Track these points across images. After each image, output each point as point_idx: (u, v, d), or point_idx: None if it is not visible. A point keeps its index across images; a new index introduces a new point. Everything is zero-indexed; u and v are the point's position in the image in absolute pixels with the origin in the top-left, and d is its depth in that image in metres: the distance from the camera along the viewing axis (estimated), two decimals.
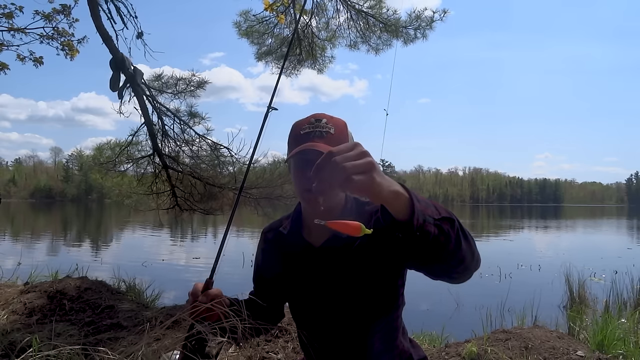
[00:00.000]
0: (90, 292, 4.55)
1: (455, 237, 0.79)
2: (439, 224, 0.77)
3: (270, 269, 1.25)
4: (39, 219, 33.77)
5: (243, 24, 5.64)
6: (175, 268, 10.29)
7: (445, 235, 0.77)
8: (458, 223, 0.81)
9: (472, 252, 0.84)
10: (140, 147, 4.79)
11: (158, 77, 4.76)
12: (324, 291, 1.12)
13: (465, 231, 0.83)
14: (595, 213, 65.13)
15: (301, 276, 1.17)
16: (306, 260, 1.14)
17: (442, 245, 0.78)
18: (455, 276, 0.85)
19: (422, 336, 4.05)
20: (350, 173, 0.68)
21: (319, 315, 1.16)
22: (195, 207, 4.98)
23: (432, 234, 0.76)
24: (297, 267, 1.17)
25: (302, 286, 1.18)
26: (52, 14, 4.57)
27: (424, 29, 5.39)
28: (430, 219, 0.76)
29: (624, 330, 3.78)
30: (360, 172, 0.69)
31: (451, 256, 0.80)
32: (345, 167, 0.68)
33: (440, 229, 0.77)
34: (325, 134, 1.06)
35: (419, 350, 1.23)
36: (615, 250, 14.43)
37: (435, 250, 0.78)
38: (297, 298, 1.22)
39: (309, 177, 1.05)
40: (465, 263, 0.83)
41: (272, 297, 1.29)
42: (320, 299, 1.13)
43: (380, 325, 1.11)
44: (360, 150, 0.72)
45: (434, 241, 0.76)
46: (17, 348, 2.73)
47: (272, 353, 3.09)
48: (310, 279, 1.14)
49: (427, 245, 0.77)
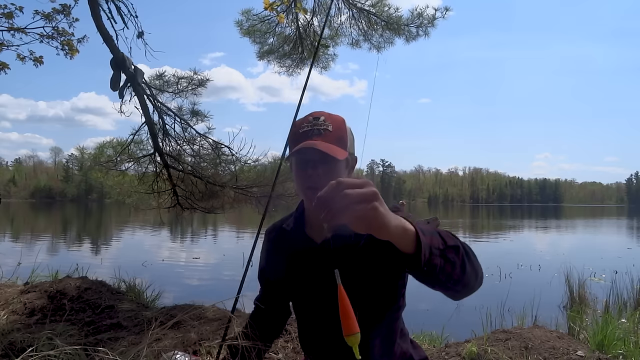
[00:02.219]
0: (91, 292, 4.55)
1: (460, 264, 0.81)
2: (445, 254, 0.78)
3: (274, 269, 1.26)
4: (39, 219, 33.78)
5: (245, 23, 5.64)
6: (176, 268, 10.29)
7: (451, 264, 0.79)
8: (463, 248, 0.83)
9: (475, 274, 0.86)
10: (141, 146, 4.80)
11: (159, 76, 4.76)
12: (324, 288, 1.12)
13: (470, 254, 0.85)
14: (595, 213, 65.13)
15: (303, 272, 1.17)
16: (308, 256, 1.15)
17: (448, 274, 0.79)
18: (458, 295, 0.87)
19: (422, 336, 4.06)
20: (351, 200, 0.67)
21: (319, 313, 1.16)
22: (196, 205, 4.99)
23: (439, 266, 0.77)
24: (299, 263, 1.17)
25: (303, 283, 1.18)
26: (52, 14, 4.56)
27: (426, 26, 5.40)
28: (436, 251, 0.77)
29: (624, 330, 3.79)
30: (362, 201, 0.68)
31: (456, 282, 0.82)
32: (347, 194, 0.67)
33: (446, 259, 0.78)
34: (324, 131, 1.07)
35: (419, 351, 1.23)
36: (615, 250, 14.42)
37: (440, 279, 0.80)
38: (299, 295, 1.22)
39: (309, 175, 1.06)
40: (469, 285, 0.85)
41: (278, 299, 1.30)
42: (321, 296, 1.13)
43: (380, 326, 1.11)
44: (364, 180, 0.71)
45: (440, 272, 0.78)
46: (17, 348, 2.73)
47: (272, 353, 3.09)
48: (312, 276, 1.15)
49: (434, 276, 0.78)
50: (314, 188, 1.07)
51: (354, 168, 1.19)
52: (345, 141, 1.11)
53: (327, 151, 1.02)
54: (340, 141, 1.08)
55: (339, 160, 1.06)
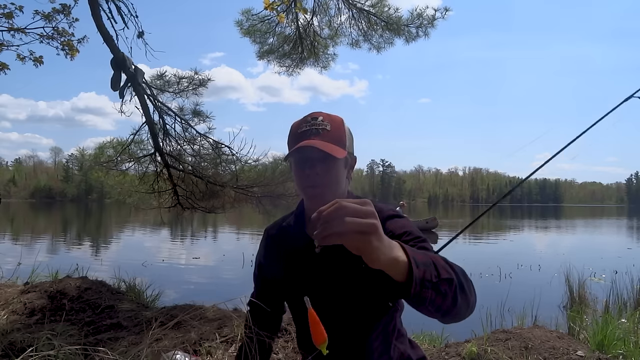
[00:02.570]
0: (91, 292, 4.55)
1: (452, 296, 0.81)
2: (437, 287, 0.78)
3: (272, 265, 1.26)
4: (39, 219, 33.79)
5: (245, 23, 5.63)
6: (176, 268, 10.29)
7: (442, 296, 0.79)
8: (457, 280, 0.83)
9: (467, 305, 0.86)
10: (142, 146, 4.80)
11: (160, 76, 4.76)
12: (320, 287, 1.12)
13: (464, 286, 0.84)
14: (595, 213, 65.15)
15: (301, 271, 1.17)
16: (307, 255, 1.14)
17: (438, 305, 0.80)
18: (444, 322, 0.87)
19: (422, 336, 4.05)
20: (349, 229, 0.68)
21: (316, 310, 1.16)
22: (196, 205, 4.99)
23: (429, 299, 0.78)
24: (297, 261, 1.17)
25: (300, 281, 1.18)
26: (52, 14, 4.56)
27: (426, 27, 5.40)
28: (428, 283, 0.77)
29: (624, 330, 3.78)
30: (359, 231, 0.68)
31: (445, 312, 0.83)
32: (346, 222, 0.68)
33: (437, 291, 0.78)
34: (322, 131, 1.07)
35: (418, 351, 1.23)
36: (615, 250, 14.44)
37: (429, 309, 0.81)
38: (296, 292, 1.22)
39: (307, 174, 1.07)
40: (459, 316, 0.86)
41: (274, 297, 1.29)
42: (317, 295, 1.13)
43: (376, 327, 1.11)
44: (367, 210, 0.71)
45: (430, 303, 0.79)
46: (17, 348, 2.73)
47: (272, 353, 3.09)
48: (309, 275, 1.15)
49: (422, 306, 0.80)
50: (312, 187, 1.08)
51: (353, 168, 1.19)
52: (344, 141, 1.11)
53: (325, 149, 1.02)
54: (339, 141, 1.09)
55: (338, 159, 1.06)
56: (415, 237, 1.02)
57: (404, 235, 1.03)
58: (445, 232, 19.34)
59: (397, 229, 1.05)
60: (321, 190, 1.08)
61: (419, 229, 1.07)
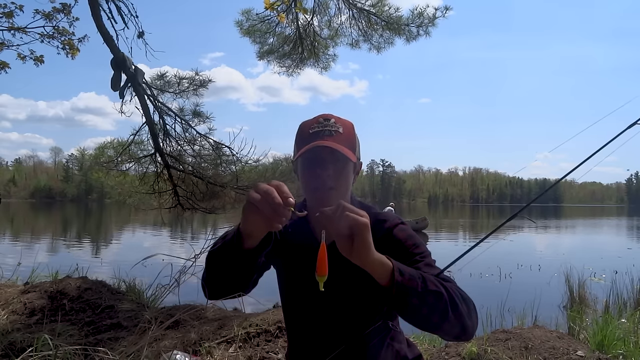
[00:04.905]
0: (91, 292, 4.55)
1: (441, 310, 0.85)
2: (423, 297, 0.84)
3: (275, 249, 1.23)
4: (39, 219, 33.79)
5: (245, 23, 5.64)
6: (176, 268, 10.27)
7: (429, 308, 0.85)
8: (449, 296, 0.86)
9: (461, 325, 0.88)
10: (142, 146, 4.80)
11: (161, 76, 4.76)
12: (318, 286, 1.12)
13: (458, 304, 0.87)
14: (595, 213, 65.16)
15: (300, 269, 1.16)
16: (307, 253, 1.14)
17: (425, 316, 0.85)
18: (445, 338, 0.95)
19: (422, 336, 4.05)
20: (348, 222, 0.81)
21: (311, 311, 1.16)
22: (197, 206, 4.99)
23: (413, 306, 0.84)
24: (297, 259, 1.16)
25: (299, 279, 1.17)
26: (52, 13, 4.56)
27: (427, 26, 5.40)
28: (413, 291, 0.83)
29: (624, 330, 3.78)
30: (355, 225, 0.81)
31: (435, 327, 0.87)
32: (348, 216, 0.81)
33: (423, 301, 0.84)
34: (335, 132, 1.06)
35: (414, 349, 1.23)
36: (615, 250, 14.45)
37: (417, 319, 0.86)
38: (292, 292, 1.21)
39: (318, 175, 1.05)
40: (453, 335, 0.89)
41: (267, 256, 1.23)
42: (315, 295, 1.13)
43: (373, 325, 1.11)
44: (363, 213, 0.84)
45: (416, 312, 0.85)
46: (17, 348, 2.73)
47: (272, 353, 3.09)
48: (308, 273, 1.14)
49: (409, 315, 0.86)
50: (322, 188, 1.05)
51: (358, 174, 1.18)
52: (355, 146, 1.10)
53: (340, 150, 1.01)
54: (351, 145, 1.08)
55: (350, 162, 1.05)
56: (422, 252, 1.05)
57: (413, 247, 1.05)
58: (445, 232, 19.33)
59: (407, 239, 1.07)
60: (330, 192, 1.05)
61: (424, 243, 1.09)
